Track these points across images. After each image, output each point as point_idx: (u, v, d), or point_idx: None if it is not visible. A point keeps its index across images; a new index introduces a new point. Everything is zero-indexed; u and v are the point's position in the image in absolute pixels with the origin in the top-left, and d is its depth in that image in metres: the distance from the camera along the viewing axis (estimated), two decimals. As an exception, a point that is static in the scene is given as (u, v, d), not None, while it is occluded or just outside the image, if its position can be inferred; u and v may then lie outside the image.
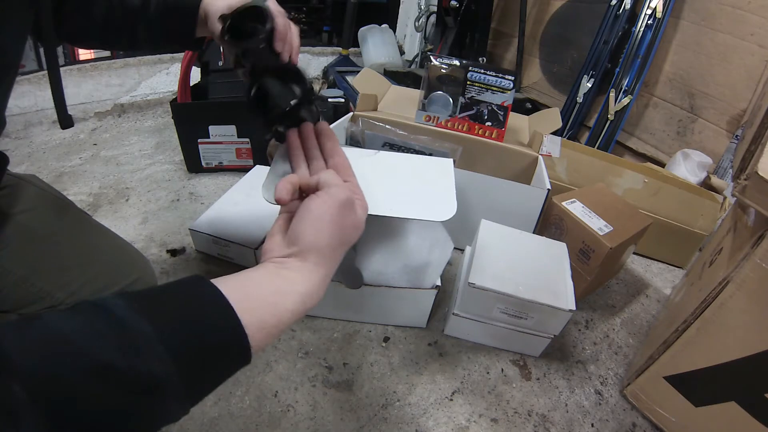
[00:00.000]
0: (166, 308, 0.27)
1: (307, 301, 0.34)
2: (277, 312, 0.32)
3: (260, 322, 0.30)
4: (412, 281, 0.65)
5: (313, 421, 0.58)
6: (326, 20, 2.35)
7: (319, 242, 0.37)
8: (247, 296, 0.31)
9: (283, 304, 0.33)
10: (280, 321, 0.32)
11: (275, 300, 0.32)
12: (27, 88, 1.43)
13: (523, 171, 0.90)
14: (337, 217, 0.38)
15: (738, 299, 0.48)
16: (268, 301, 0.32)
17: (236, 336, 0.28)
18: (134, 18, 0.55)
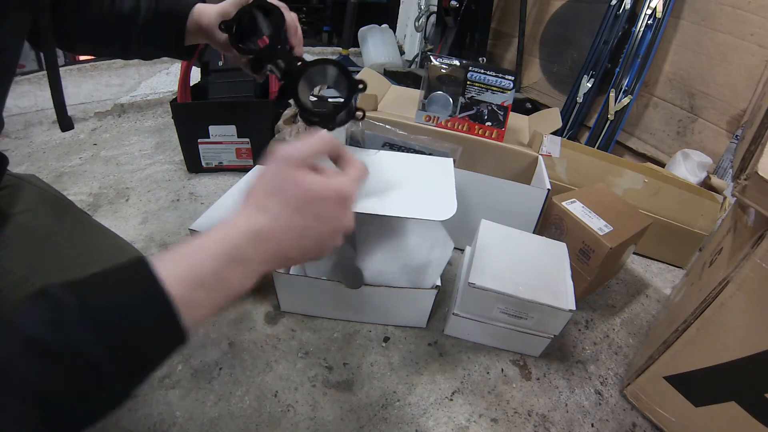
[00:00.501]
0: (95, 283, 0.27)
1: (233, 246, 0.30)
2: (194, 256, 0.29)
3: (179, 271, 0.28)
4: (412, 281, 0.65)
5: (313, 421, 0.58)
6: (326, 20, 2.35)
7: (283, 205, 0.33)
8: (173, 251, 0.29)
9: (200, 247, 0.30)
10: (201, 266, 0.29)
11: (196, 244, 0.30)
12: (27, 88, 1.43)
13: (523, 171, 0.90)
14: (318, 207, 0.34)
15: (738, 299, 0.48)
16: (188, 247, 0.30)
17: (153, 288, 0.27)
18: (125, 25, 0.55)
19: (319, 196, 0.34)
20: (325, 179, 0.35)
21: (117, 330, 0.26)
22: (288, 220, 0.33)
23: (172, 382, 0.60)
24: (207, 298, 0.29)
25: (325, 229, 0.35)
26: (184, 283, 0.28)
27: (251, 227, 0.32)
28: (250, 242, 0.31)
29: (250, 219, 0.32)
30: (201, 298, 0.29)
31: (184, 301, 0.27)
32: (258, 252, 0.32)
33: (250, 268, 0.31)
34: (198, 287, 0.28)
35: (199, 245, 0.30)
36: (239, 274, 0.31)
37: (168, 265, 0.28)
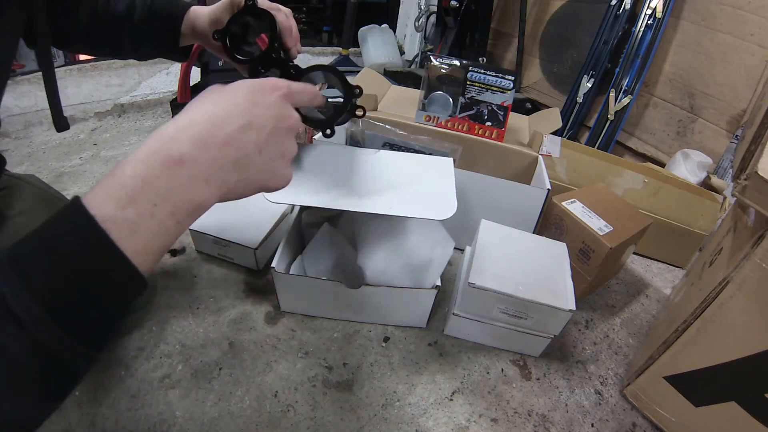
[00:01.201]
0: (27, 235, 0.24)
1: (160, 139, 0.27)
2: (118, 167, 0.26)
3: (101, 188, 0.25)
4: (413, 280, 0.65)
5: (313, 421, 0.58)
6: (326, 20, 2.35)
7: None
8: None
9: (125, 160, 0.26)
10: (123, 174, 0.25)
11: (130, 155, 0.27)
12: (27, 88, 1.43)
13: (523, 171, 0.90)
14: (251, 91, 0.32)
15: (738, 299, 0.48)
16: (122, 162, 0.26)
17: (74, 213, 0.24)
18: (118, 25, 0.55)
19: (255, 83, 0.33)
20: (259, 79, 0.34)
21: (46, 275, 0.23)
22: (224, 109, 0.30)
23: (172, 382, 0.60)
24: (143, 214, 0.25)
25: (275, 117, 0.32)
26: (111, 201, 0.24)
27: (183, 122, 0.28)
28: (182, 137, 0.27)
29: (183, 116, 0.29)
30: (135, 215, 0.24)
31: (116, 222, 0.24)
32: (196, 148, 0.27)
33: (193, 171, 0.27)
34: (128, 202, 0.24)
35: (128, 158, 0.26)
36: (180, 179, 0.27)
37: (95, 188, 0.25)
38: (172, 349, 0.65)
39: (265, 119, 0.32)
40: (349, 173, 0.61)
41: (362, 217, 0.68)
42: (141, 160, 0.26)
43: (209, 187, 0.28)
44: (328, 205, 0.56)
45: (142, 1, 0.55)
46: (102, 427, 0.54)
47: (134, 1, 0.55)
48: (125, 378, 0.60)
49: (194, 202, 0.28)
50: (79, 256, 0.23)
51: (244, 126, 0.30)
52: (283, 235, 0.70)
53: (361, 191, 0.58)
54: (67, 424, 0.54)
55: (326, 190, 0.57)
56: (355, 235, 0.70)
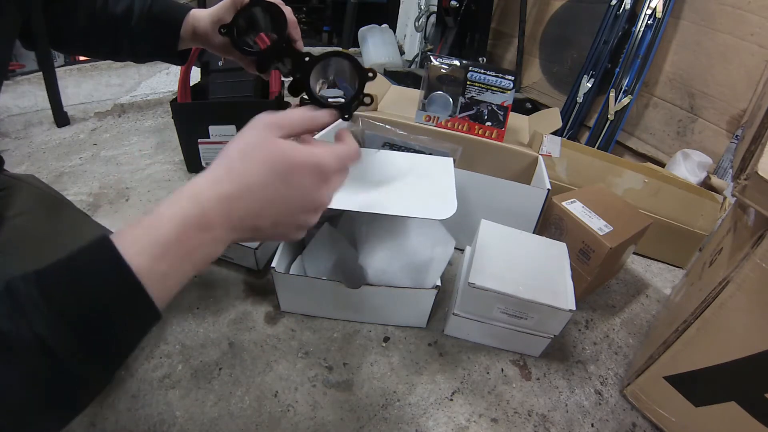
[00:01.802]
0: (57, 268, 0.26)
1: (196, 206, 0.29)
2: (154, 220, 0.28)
3: (138, 239, 0.27)
4: (415, 279, 0.65)
5: (313, 421, 0.58)
6: (326, 20, 2.35)
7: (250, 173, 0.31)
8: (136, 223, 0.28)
9: (160, 212, 0.28)
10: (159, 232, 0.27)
11: (156, 209, 0.29)
12: (27, 88, 1.43)
13: (523, 171, 0.90)
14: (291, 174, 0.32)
15: (738, 299, 0.48)
16: (149, 215, 0.28)
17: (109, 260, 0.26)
18: (116, 27, 0.54)
19: (295, 163, 0.32)
20: (305, 148, 0.33)
21: (79, 312, 0.25)
22: (258, 183, 0.31)
23: (172, 382, 0.60)
24: (173, 267, 0.28)
25: (299, 200, 0.33)
26: (146, 255, 0.26)
27: (218, 190, 0.30)
28: (215, 206, 0.29)
29: (217, 181, 0.30)
30: (166, 268, 0.27)
31: (149, 274, 0.26)
32: (225, 217, 0.30)
33: (218, 235, 0.30)
34: (161, 257, 0.27)
35: (161, 213, 0.28)
36: (206, 240, 0.29)
37: (129, 238, 0.27)
38: (172, 349, 0.65)
39: (291, 201, 0.33)
40: (349, 173, 0.61)
41: (362, 217, 0.68)
42: (177, 224, 0.28)
43: (225, 245, 0.32)
44: (329, 205, 0.56)
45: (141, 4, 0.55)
46: (102, 427, 0.54)
47: (133, 3, 0.54)
48: (125, 378, 0.60)
49: (212, 257, 0.31)
50: (111, 299, 0.26)
51: (267, 200, 0.32)
52: (283, 235, 0.70)
53: (361, 191, 0.58)
54: (67, 424, 0.54)
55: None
56: (355, 235, 0.70)
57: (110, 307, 0.26)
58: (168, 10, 0.55)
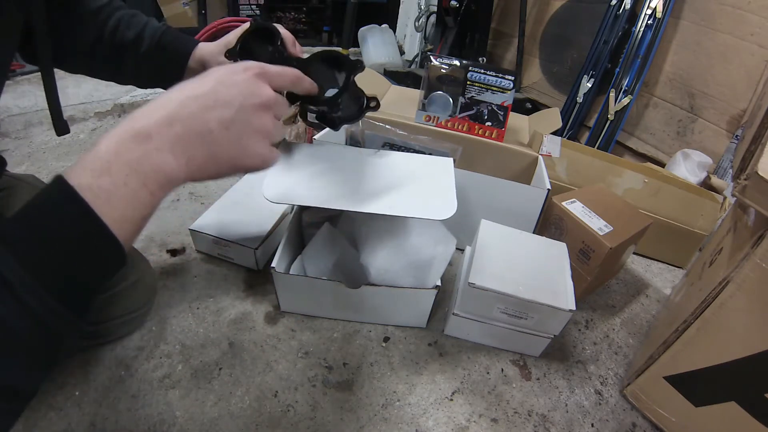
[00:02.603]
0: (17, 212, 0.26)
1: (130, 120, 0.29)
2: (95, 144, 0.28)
3: (79, 162, 0.27)
4: (417, 277, 0.65)
5: (313, 421, 0.58)
6: (326, 20, 2.35)
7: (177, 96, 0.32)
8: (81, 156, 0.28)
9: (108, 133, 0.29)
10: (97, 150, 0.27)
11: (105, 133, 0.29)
12: (27, 88, 1.43)
13: (523, 171, 0.90)
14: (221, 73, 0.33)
15: (738, 299, 0.48)
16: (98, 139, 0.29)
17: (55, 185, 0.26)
18: (124, 52, 0.55)
19: (232, 68, 0.34)
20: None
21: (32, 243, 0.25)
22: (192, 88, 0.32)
23: (172, 382, 0.60)
24: (117, 182, 0.27)
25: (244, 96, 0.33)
26: (87, 172, 0.26)
27: (157, 101, 0.31)
28: (151, 113, 0.29)
29: (159, 97, 0.31)
30: (109, 183, 0.27)
31: (93, 190, 0.26)
32: (162, 124, 0.29)
33: (160, 144, 0.29)
34: (102, 173, 0.27)
35: (101, 136, 0.29)
36: (148, 151, 0.29)
37: (75, 166, 0.27)
38: (172, 349, 0.65)
39: (230, 97, 0.32)
40: (349, 173, 0.61)
41: (363, 216, 0.68)
42: (113, 137, 0.28)
43: (176, 160, 0.30)
44: (329, 205, 0.56)
45: (151, 35, 0.55)
46: (102, 427, 0.54)
47: (143, 31, 0.55)
48: (125, 378, 0.60)
49: (163, 173, 0.30)
50: (60, 223, 0.25)
51: (208, 104, 0.32)
52: (283, 235, 0.70)
53: (361, 191, 0.58)
54: (67, 424, 0.54)
55: (326, 190, 0.57)
56: (355, 234, 0.70)
57: (60, 233, 0.25)
58: (177, 41, 0.57)
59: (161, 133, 0.29)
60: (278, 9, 2.30)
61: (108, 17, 0.54)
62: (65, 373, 0.59)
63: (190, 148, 0.31)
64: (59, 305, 0.25)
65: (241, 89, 0.33)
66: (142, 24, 0.55)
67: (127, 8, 0.56)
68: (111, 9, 0.54)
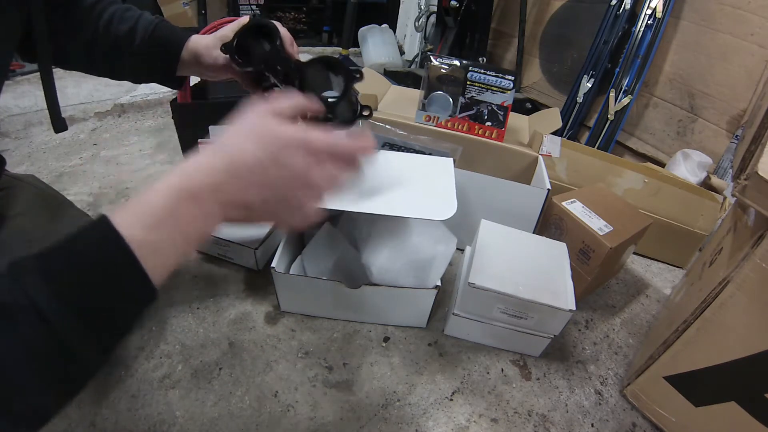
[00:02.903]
0: (55, 245, 0.27)
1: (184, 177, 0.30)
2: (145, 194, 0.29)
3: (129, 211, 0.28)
4: (418, 276, 0.65)
5: (313, 421, 0.58)
6: (326, 20, 2.35)
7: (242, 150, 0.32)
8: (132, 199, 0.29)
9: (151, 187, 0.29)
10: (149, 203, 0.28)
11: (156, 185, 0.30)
12: (27, 88, 1.43)
13: (523, 171, 0.90)
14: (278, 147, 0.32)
15: (738, 299, 0.48)
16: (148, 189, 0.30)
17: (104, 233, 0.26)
18: (118, 47, 0.55)
19: (283, 139, 0.32)
20: (295, 126, 0.33)
21: (75, 285, 0.25)
22: (246, 158, 0.31)
23: (172, 382, 0.60)
24: (164, 239, 0.28)
25: (287, 177, 0.33)
26: (138, 226, 0.27)
27: (207, 164, 0.31)
28: (203, 179, 0.30)
29: (207, 156, 0.31)
30: (158, 239, 0.28)
31: (141, 244, 0.27)
32: (213, 191, 0.30)
33: (208, 209, 0.30)
34: (153, 228, 0.28)
35: (154, 187, 0.29)
36: (197, 214, 0.30)
37: (123, 213, 0.28)
38: (172, 349, 0.65)
39: (278, 183, 0.33)
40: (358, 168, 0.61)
41: (363, 216, 0.68)
42: (168, 192, 0.29)
43: (217, 221, 0.32)
44: (329, 206, 0.56)
45: (144, 27, 0.55)
46: (102, 427, 0.54)
47: (136, 25, 0.55)
48: (125, 378, 0.60)
49: (204, 233, 0.32)
50: (105, 269, 0.26)
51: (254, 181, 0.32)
52: (283, 235, 0.70)
53: (361, 191, 0.58)
54: (67, 424, 0.54)
55: (326, 190, 0.57)
56: (355, 234, 0.70)
57: (104, 278, 0.26)
58: (170, 34, 0.56)
59: (211, 199, 0.30)
60: (278, 9, 2.30)
61: (101, 12, 0.54)
62: (65, 373, 0.59)
63: (231, 212, 0.32)
64: (94, 341, 0.26)
65: (293, 173, 0.33)
66: (135, 18, 0.55)
67: (120, 3, 0.56)
68: (104, 4, 0.54)
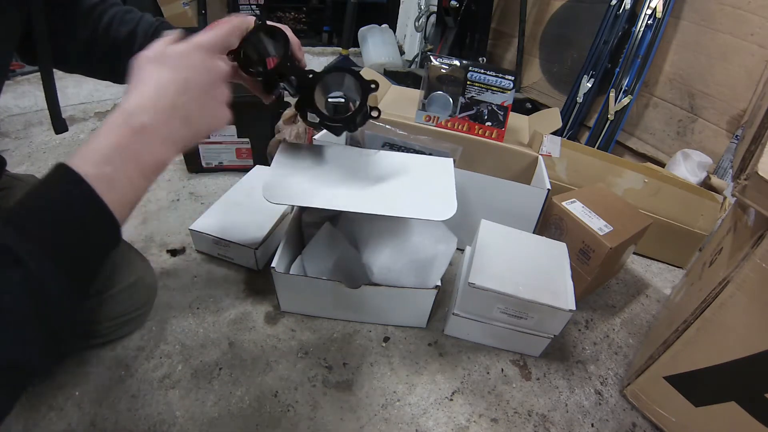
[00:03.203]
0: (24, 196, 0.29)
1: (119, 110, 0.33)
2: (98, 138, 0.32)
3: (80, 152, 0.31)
4: (419, 276, 0.65)
5: (313, 421, 0.58)
6: (326, 20, 2.35)
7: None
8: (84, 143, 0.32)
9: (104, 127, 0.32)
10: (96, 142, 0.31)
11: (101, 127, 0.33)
12: (27, 88, 1.43)
13: (523, 171, 0.90)
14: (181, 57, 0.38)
15: (738, 299, 0.48)
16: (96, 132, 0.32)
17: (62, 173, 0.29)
18: (118, 50, 0.54)
19: (183, 51, 0.38)
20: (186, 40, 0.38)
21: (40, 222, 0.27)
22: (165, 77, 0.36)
23: (172, 382, 0.60)
24: (119, 170, 0.31)
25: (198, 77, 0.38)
26: (90, 163, 0.30)
27: (137, 96, 0.34)
28: (138, 108, 0.33)
29: (135, 90, 0.35)
30: (111, 171, 0.30)
31: (97, 178, 0.29)
32: (151, 114, 0.34)
33: (153, 134, 0.33)
34: (105, 162, 0.30)
35: (99, 129, 0.32)
36: (144, 141, 0.33)
37: (76, 155, 0.30)
38: (172, 349, 0.65)
39: (196, 79, 0.37)
40: (349, 173, 0.61)
41: (363, 216, 0.68)
42: (112, 130, 0.32)
43: (167, 146, 0.35)
44: (329, 206, 0.56)
45: (144, 30, 0.55)
46: (102, 427, 0.54)
47: (136, 28, 0.54)
48: (125, 378, 0.60)
49: (158, 161, 0.35)
50: (66, 205, 0.29)
51: (180, 90, 0.36)
52: (283, 235, 0.70)
53: (361, 192, 0.58)
54: (67, 424, 0.54)
55: (326, 191, 0.57)
56: (355, 234, 0.70)
57: (68, 215, 0.28)
58: None
59: (153, 125, 0.34)
60: (278, 9, 2.30)
61: (102, 14, 0.53)
62: (65, 373, 0.59)
63: (177, 133, 0.36)
64: (64, 277, 0.28)
65: (201, 68, 0.38)
66: (135, 20, 0.55)
67: (122, 5, 0.56)
68: (105, 6, 0.54)
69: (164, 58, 0.37)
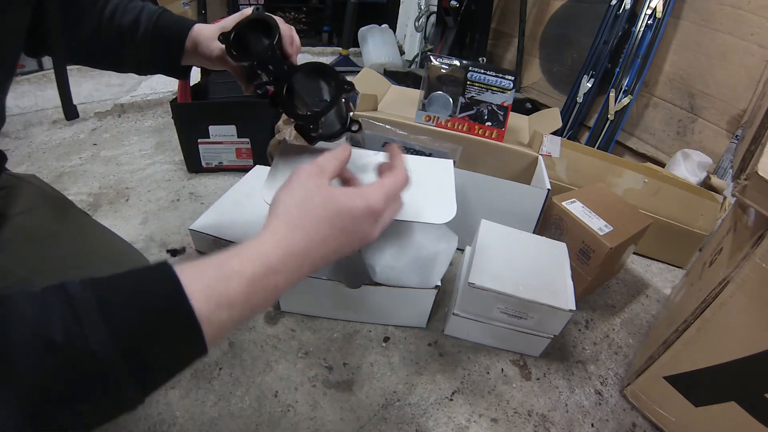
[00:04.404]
0: (116, 283, 0.26)
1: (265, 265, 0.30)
2: (224, 273, 0.28)
3: (207, 287, 0.27)
4: (421, 274, 0.65)
5: (313, 421, 0.58)
6: (326, 20, 2.35)
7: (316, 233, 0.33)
8: (198, 263, 0.28)
9: (230, 266, 0.29)
10: (228, 286, 0.28)
11: (224, 260, 0.29)
12: (27, 88, 1.43)
13: (523, 171, 0.90)
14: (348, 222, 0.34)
15: (738, 299, 0.48)
16: (216, 262, 0.29)
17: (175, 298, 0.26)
18: (122, 39, 0.55)
19: (351, 214, 0.34)
20: (356, 193, 0.35)
21: (132, 333, 0.25)
22: (320, 236, 0.33)
23: (172, 382, 0.60)
24: (232, 318, 0.28)
25: (353, 242, 0.36)
26: (210, 301, 0.27)
27: (287, 248, 0.31)
28: (282, 262, 0.31)
29: (284, 238, 0.32)
30: (227, 318, 0.28)
31: (208, 319, 0.26)
32: (289, 270, 0.31)
33: (278, 286, 0.31)
34: (225, 309, 0.28)
35: (228, 262, 0.29)
36: (267, 292, 0.30)
37: (194, 278, 0.27)
38: (172, 349, 0.65)
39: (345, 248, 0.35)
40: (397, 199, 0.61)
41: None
42: (246, 280, 0.29)
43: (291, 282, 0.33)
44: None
45: (148, 18, 0.55)
46: (102, 427, 0.54)
47: (140, 15, 0.55)
48: (125, 378, 0.60)
49: (273, 301, 0.32)
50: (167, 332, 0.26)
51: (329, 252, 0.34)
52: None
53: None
54: (67, 424, 0.54)
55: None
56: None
57: (163, 338, 0.26)
58: (173, 24, 0.56)
59: (286, 278, 0.31)
60: (278, 9, 2.30)
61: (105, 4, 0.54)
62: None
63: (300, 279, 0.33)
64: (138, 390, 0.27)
65: (360, 238, 0.36)
66: (138, 9, 0.55)
67: None
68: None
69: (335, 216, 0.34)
